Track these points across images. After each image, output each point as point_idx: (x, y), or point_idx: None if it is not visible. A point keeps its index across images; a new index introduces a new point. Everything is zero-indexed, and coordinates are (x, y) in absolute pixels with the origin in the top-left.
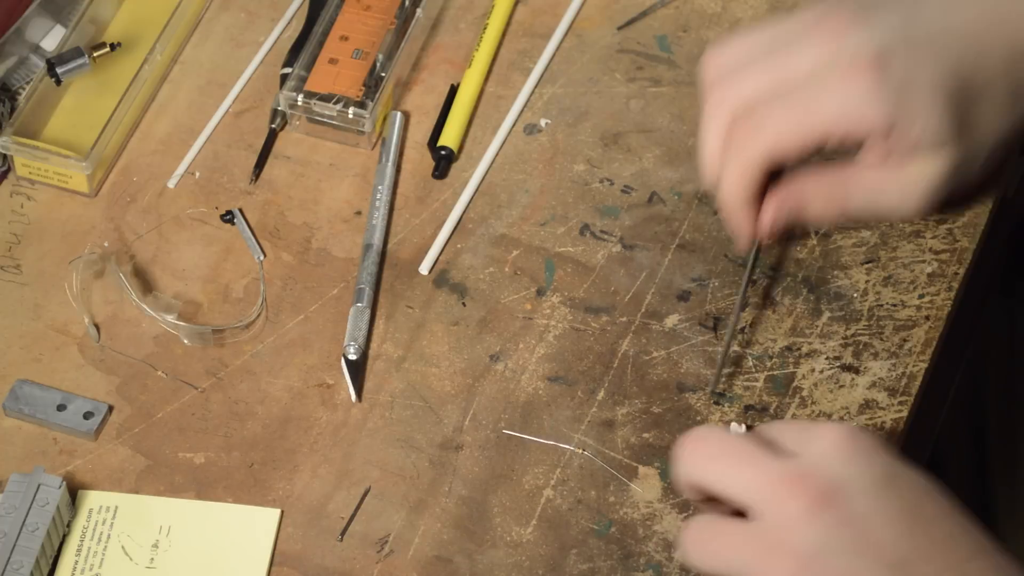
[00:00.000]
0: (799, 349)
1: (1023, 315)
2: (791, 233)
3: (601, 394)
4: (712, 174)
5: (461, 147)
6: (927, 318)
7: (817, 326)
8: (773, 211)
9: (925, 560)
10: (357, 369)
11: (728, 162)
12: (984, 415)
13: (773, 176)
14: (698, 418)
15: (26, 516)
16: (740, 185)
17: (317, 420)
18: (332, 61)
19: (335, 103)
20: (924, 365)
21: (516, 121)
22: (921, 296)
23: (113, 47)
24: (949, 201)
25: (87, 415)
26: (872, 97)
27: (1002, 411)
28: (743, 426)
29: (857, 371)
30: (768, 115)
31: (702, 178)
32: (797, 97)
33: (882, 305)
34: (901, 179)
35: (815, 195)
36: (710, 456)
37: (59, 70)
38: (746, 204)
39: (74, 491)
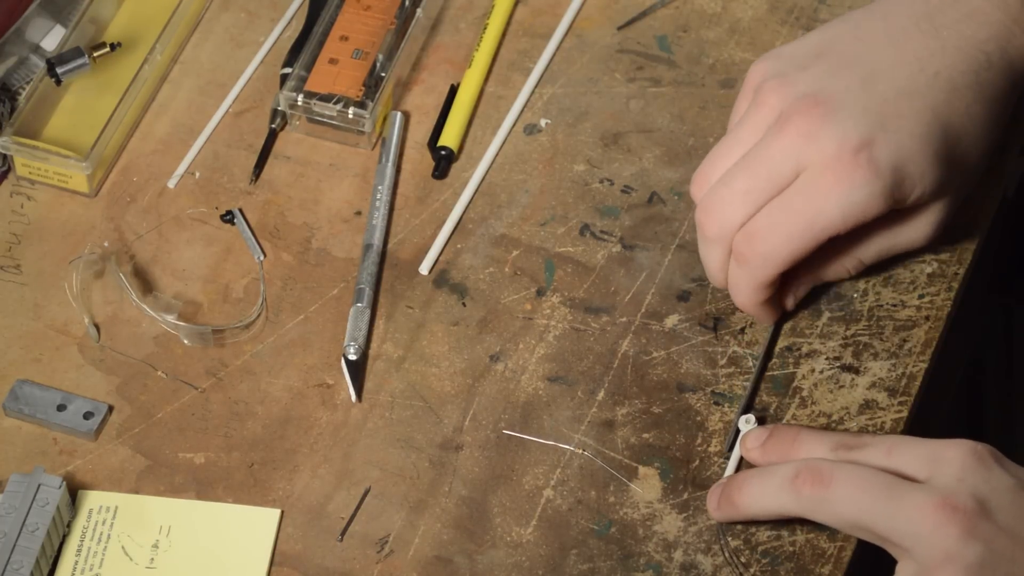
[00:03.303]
0: (799, 349)
1: (1022, 315)
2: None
3: (601, 394)
4: (720, 283)
5: (461, 147)
6: (927, 318)
7: (817, 326)
8: (793, 293)
9: None
10: (357, 369)
11: (741, 279)
12: (983, 415)
13: None
14: (698, 418)
15: (26, 516)
16: (760, 296)
17: (317, 420)
18: (332, 61)
19: (335, 103)
20: (924, 365)
21: (516, 121)
22: (921, 296)
23: (113, 47)
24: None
25: (87, 415)
26: (870, 188)
27: (1001, 411)
28: (752, 419)
29: (857, 371)
30: (772, 233)
31: (711, 282)
32: (796, 206)
33: (882, 305)
34: (910, 225)
35: (830, 264)
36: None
37: (59, 70)
38: (767, 303)
39: (74, 491)
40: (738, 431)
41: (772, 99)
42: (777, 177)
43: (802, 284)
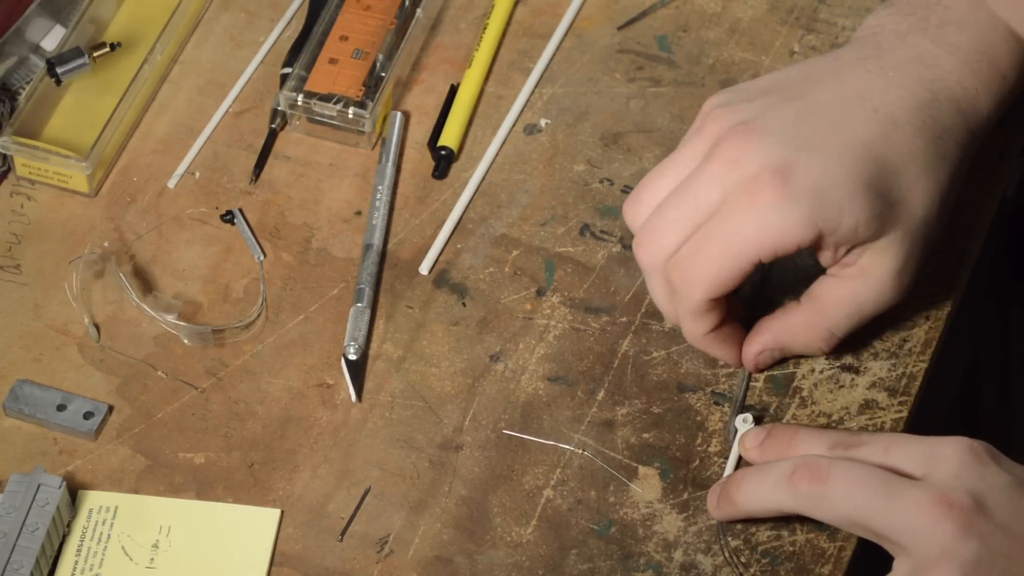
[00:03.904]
0: None
1: (1021, 315)
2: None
3: (601, 394)
4: (670, 316)
5: (461, 147)
6: (927, 318)
7: None
8: (756, 354)
9: None
10: (357, 369)
11: (678, 308)
12: (983, 415)
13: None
14: (698, 418)
15: (26, 516)
16: (698, 327)
17: (317, 420)
18: (332, 61)
19: (335, 103)
20: (924, 365)
21: (516, 121)
22: (921, 296)
23: (113, 47)
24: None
25: (87, 415)
26: (784, 209)
27: (1000, 411)
28: (750, 418)
29: (857, 371)
30: (695, 258)
31: (665, 317)
32: (714, 231)
33: None
34: (869, 279)
35: (795, 336)
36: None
37: (59, 70)
38: (711, 337)
39: (74, 491)
40: (735, 430)
41: (711, 127)
42: (703, 204)
43: (768, 355)
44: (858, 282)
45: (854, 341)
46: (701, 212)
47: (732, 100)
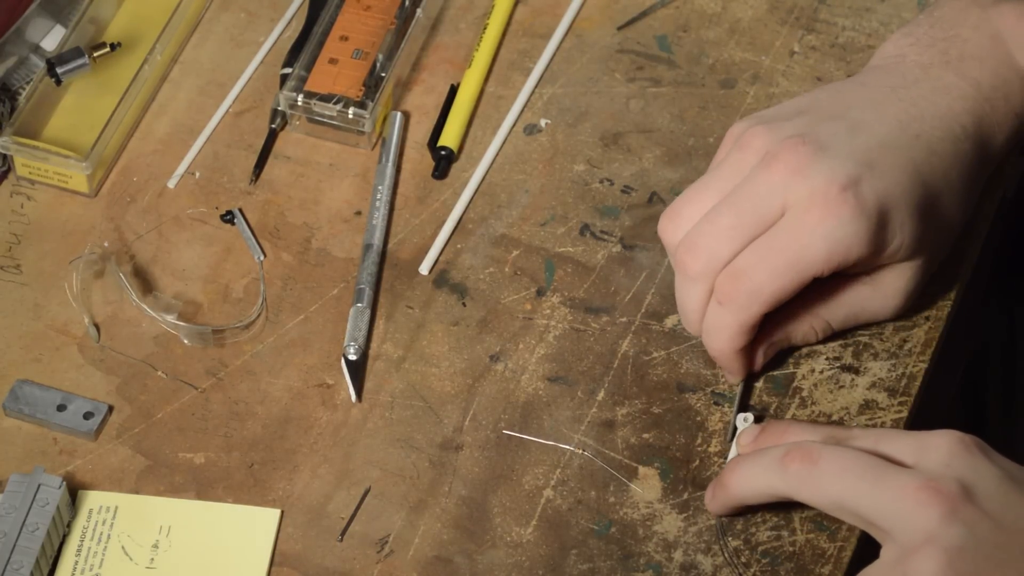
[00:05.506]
0: (799, 349)
1: (1022, 315)
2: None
3: (601, 394)
4: (697, 330)
5: (461, 147)
6: (927, 318)
7: None
8: (763, 352)
9: None
10: (357, 369)
11: (722, 321)
12: (984, 415)
13: None
14: (698, 418)
15: (26, 516)
16: (739, 341)
17: (317, 420)
18: (332, 61)
19: (335, 103)
20: (924, 365)
21: (516, 121)
22: (921, 296)
23: (113, 47)
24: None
25: (87, 415)
26: (855, 226)
27: (1001, 411)
28: (750, 417)
29: (857, 371)
30: (758, 269)
31: (686, 328)
32: (781, 242)
33: None
34: (879, 290)
35: (799, 324)
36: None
37: (59, 70)
38: (744, 351)
39: (74, 491)
40: (735, 429)
41: (756, 142)
42: (763, 212)
43: (772, 344)
44: (868, 289)
45: (854, 341)
46: (761, 221)
47: (767, 119)
